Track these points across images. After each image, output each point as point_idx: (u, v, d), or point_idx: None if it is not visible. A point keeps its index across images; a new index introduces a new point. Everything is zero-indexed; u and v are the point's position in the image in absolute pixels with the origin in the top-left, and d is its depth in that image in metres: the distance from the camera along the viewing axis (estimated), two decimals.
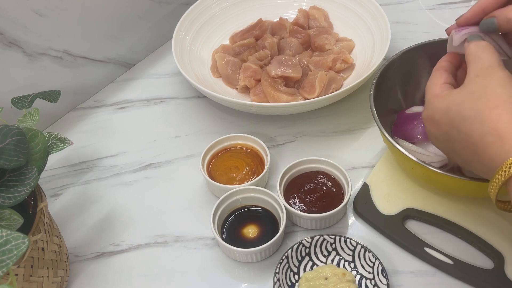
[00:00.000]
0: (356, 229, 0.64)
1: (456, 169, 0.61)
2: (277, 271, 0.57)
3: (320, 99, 0.71)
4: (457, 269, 0.57)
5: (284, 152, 0.74)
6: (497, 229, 0.59)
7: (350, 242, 0.59)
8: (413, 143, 0.64)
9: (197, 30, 0.87)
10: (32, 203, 0.56)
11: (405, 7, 0.96)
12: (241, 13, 0.91)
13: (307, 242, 0.59)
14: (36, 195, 0.55)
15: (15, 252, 0.41)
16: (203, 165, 0.68)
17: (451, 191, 0.61)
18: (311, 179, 0.66)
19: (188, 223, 0.66)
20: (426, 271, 0.59)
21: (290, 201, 0.64)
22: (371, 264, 0.57)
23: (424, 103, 0.54)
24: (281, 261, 0.58)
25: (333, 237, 0.59)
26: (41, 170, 0.53)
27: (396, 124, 0.68)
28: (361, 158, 0.71)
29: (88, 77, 0.83)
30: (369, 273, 0.58)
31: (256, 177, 0.66)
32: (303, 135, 0.76)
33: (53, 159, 0.75)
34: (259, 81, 0.78)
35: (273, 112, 0.76)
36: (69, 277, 0.62)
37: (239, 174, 0.68)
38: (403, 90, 0.70)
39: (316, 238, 0.59)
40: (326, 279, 0.57)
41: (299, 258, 0.60)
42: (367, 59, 0.80)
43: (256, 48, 0.85)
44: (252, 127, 0.77)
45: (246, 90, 0.80)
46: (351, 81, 0.79)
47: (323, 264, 0.60)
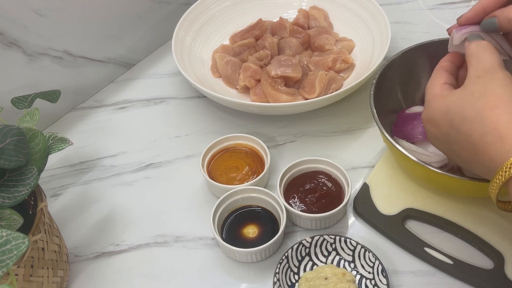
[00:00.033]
0: (356, 229, 0.64)
1: (456, 169, 0.61)
2: (277, 271, 0.57)
3: (320, 99, 0.71)
4: (457, 269, 0.57)
5: (284, 152, 0.74)
6: (497, 229, 0.59)
7: (350, 242, 0.59)
8: (413, 143, 0.64)
9: (197, 30, 0.87)
10: (32, 203, 0.55)
11: (405, 7, 0.96)
12: (241, 13, 0.91)
13: (307, 242, 0.59)
14: (36, 195, 0.55)
15: (15, 252, 0.41)
16: (203, 165, 0.68)
17: (451, 191, 0.61)
18: (311, 179, 0.66)
19: (188, 223, 0.66)
20: (426, 271, 0.59)
21: (290, 201, 0.64)
22: (371, 264, 0.57)
23: (424, 103, 0.54)
24: (281, 261, 0.58)
25: (333, 237, 0.59)
26: (41, 170, 0.53)
27: (396, 124, 0.68)
28: (361, 158, 0.71)
29: (88, 77, 0.83)
30: (369, 273, 0.58)
31: (256, 177, 0.66)
32: (303, 135, 0.76)
33: (53, 159, 0.75)
34: (259, 81, 0.78)
35: (273, 112, 0.76)
36: (69, 277, 0.62)
37: (239, 174, 0.68)
38: (403, 90, 0.70)
39: (316, 238, 0.59)
40: (326, 279, 0.57)
41: (299, 258, 0.60)
42: (367, 59, 0.80)
43: (256, 48, 0.85)
44: (252, 127, 0.77)
45: (246, 90, 0.80)
46: (351, 81, 0.79)
47: (323, 264, 0.60)
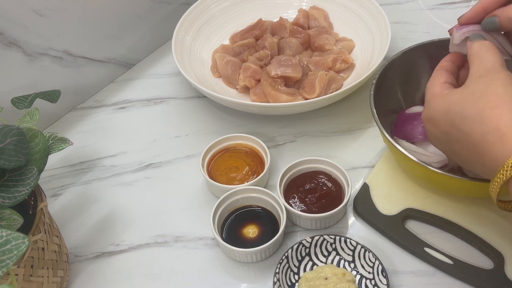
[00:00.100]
0: (356, 229, 0.64)
1: (456, 169, 0.61)
2: (277, 271, 0.57)
3: (320, 99, 0.71)
4: (457, 269, 0.57)
5: (284, 152, 0.74)
6: (497, 229, 0.59)
7: (350, 242, 0.59)
8: (413, 143, 0.64)
9: (197, 30, 0.87)
10: (32, 203, 0.55)
11: (405, 7, 0.96)
12: (241, 13, 0.91)
13: (307, 242, 0.59)
14: (36, 195, 0.55)
15: (15, 252, 0.41)
16: (203, 165, 0.68)
17: (451, 191, 0.61)
18: (311, 179, 0.66)
19: (188, 223, 0.66)
20: (426, 271, 0.59)
21: (290, 201, 0.64)
22: (371, 264, 0.57)
23: (424, 103, 0.54)
24: (281, 261, 0.58)
25: (333, 237, 0.59)
26: (41, 170, 0.53)
27: (396, 124, 0.68)
28: (361, 158, 0.71)
29: (88, 77, 0.83)
30: (369, 273, 0.58)
31: (256, 177, 0.66)
32: (303, 135, 0.76)
33: (53, 159, 0.75)
34: (259, 81, 0.78)
35: (273, 112, 0.76)
36: (69, 277, 0.62)
37: (239, 174, 0.68)
38: (403, 90, 0.70)
39: (316, 238, 0.59)
40: (326, 279, 0.57)
41: (299, 258, 0.60)
42: (367, 59, 0.80)
43: (256, 48, 0.85)
44: (252, 127, 0.77)
45: (246, 90, 0.80)
46: (351, 81, 0.79)
47: (323, 264, 0.60)
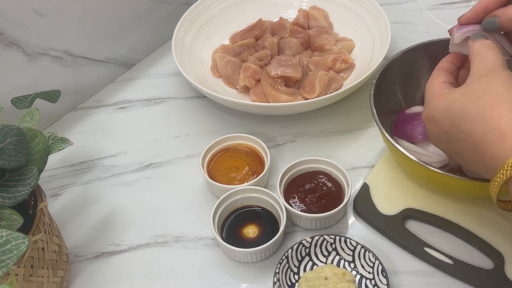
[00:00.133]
0: (356, 229, 0.64)
1: (456, 169, 0.61)
2: (277, 271, 0.57)
3: (320, 99, 0.71)
4: (457, 269, 0.57)
5: (284, 152, 0.74)
6: (497, 229, 0.59)
7: (350, 242, 0.59)
8: (413, 143, 0.64)
9: (197, 30, 0.87)
10: (32, 203, 0.55)
11: (405, 7, 0.96)
12: (241, 13, 0.91)
13: (307, 242, 0.59)
14: (36, 195, 0.55)
15: (15, 252, 0.41)
16: (203, 165, 0.68)
17: (451, 191, 0.61)
18: (311, 179, 0.66)
19: (188, 223, 0.66)
20: (426, 271, 0.59)
21: (290, 201, 0.64)
22: (371, 264, 0.57)
23: (424, 103, 0.54)
24: (281, 261, 0.58)
25: (333, 237, 0.59)
26: (41, 170, 0.53)
27: (396, 124, 0.68)
28: (361, 158, 0.71)
29: (88, 77, 0.83)
30: (369, 273, 0.58)
31: (256, 177, 0.66)
32: (303, 135, 0.76)
33: (53, 159, 0.75)
34: (259, 81, 0.78)
35: (273, 112, 0.76)
36: (69, 277, 0.62)
37: (239, 174, 0.68)
38: (403, 90, 0.70)
39: (316, 238, 0.59)
40: (326, 279, 0.57)
41: (299, 258, 0.60)
42: (367, 59, 0.80)
43: (256, 48, 0.85)
44: (252, 127, 0.77)
45: (246, 90, 0.80)
46: (351, 81, 0.79)
47: (323, 264, 0.60)
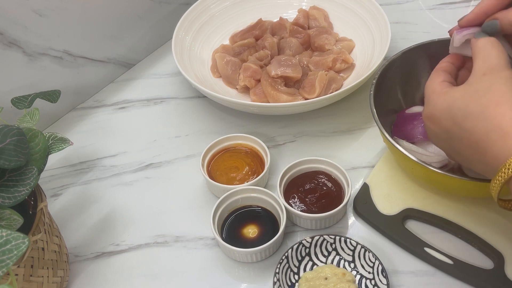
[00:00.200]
0: (356, 229, 0.64)
1: (456, 169, 0.61)
2: (277, 271, 0.57)
3: (320, 99, 0.71)
4: (457, 269, 0.57)
5: (284, 152, 0.74)
6: (497, 229, 0.59)
7: (350, 242, 0.59)
8: (413, 143, 0.64)
9: (197, 30, 0.87)
10: (32, 203, 0.55)
11: (405, 7, 0.96)
12: (241, 13, 0.91)
13: (307, 242, 0.59)
14: (36, 195, 0.55)
15: (15, 252, 0.41)
16: (203, 165, 0.68)
17: (451, 191, 0.61)
18: (311, 179, 0.66)
19: (188, 223, 0.66)
20: (426, 271, 0.59)
21: (290, 201, 0.64)
22: (371, 264, 0.57)
23: (424, 103, 0.54)
24: (281, 261, 0.58)
25: (333, 237, 0.59)
26: (41, 170, 0.53)
27: (396, 124, 0.68)
28: (361, 158, 0.71)
29: (88, 77, 0.83)
30: (369, 273, 0.58)
31: (256, 177, 0.66)
32: (303, 135, 0.76)
33: (53, 159, 0.75)
34: (259, 81, 0.78)
35: (273, 112, 0.76)
36: (69, 277, 0.62)
37: (239, 174, 0.68)
38: (403, 90, 0.70)
39: (316, 238, 0.59)
40: (326, 279, 0.57)
41: (299, 258, 0.60)
42: (367, 59, 0.80)
43: (256, 48, 0.85)
44: (252, 127, 0.77)
45: (246, 90, 0.80)
46: (351, 81, 0.79)
47: (323, 264, 0.60)
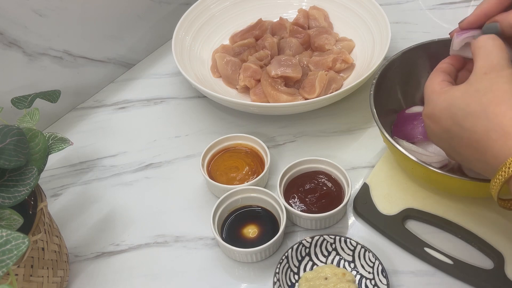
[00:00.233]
0: (356, 229, 0.64)
1: (456, 169, 0.61)
2: (277, 271, 0.57)
3: (320, 99, 0.71)
4: (457, 269, 0.57)
5: (284, 152, 0.74)
6: (497, 229, 0.59)
7: (350, 242, 0.59)
8: (413, 143, 0.64)
9: (197, 30, 0.87)
10: (32, 203, 0.55)
11: (405, 7, 0.96)
12: (241, 13, 0.91)
13: (307, 242, 0.59)
14: (36, 195, 0.55)
15: (15, 252, 0.41)
16: (203, 165, 0.68)
17: (451, 191, 0.61)
18: (311, 179, 0.66)
19: (188, 223, 0.66)
20: (426, 271, 0.59)
21: (290, 201, 0.64)
22: (371, 264, 0.57)
23: (424, 103, 0.54)
24: (281, 261, 0.58)
25: (333, 237, 0.59)
26: (41, 170, 0.53)
27: (396, 124, 0.68)
28: (361, 158, 0.71)
29: (88, 77, 0.83)
30: (369, 273, 0.58)
31: (256, 177, 0.66)
32: (303, 135, 0.76)
33: (53, 159, 0.75)
34: (259, 81, 0.78)
35: (273, 112, 0.76)
36: (69, 277, 0.62)
37: (239, 174, 0.68)
38: (403, 90, 0.70)
39: (316, 238, 0.59)
40: (326, 279, 0.57)
41: (299, 258, 0.60)
42: (367, 59, 0.80)
43: (256, 48, 0.85)
44: (252, 127, 0.77)
45: (246, 90, 0.80)
46: (351, 81, 0.79)
47: (323, 264, 0.60)
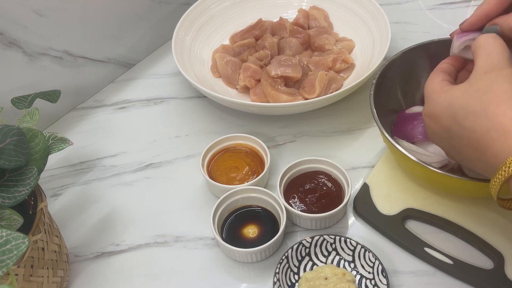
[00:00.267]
0: (356, 229, 0.64)
1: (456, 169, 0.61)
2: (277, 271, 0.57)
3: (320, 99, 0.71)
4: (457, 269, 0.57)
5: (284, 152, 0.74)
6: (497, 229, 0.59)
7: (350, 242, 0.59)
8: (413, 143, 0.64)
9: (197, 30, 0.87)
10: (32, 203, 0.55)
11: (405, 7, 0.96)
12: (241, 13, 0.91)
13: (307, 242, 0.59)
14: (36, 195, 0.55)
15: (15, 252, 0.41)
16: (203, 165, 0.68)
17: (451, 191, 0.61)
18: (311, 179, 0.66)
19: (188, 223, 0.66)
20: (426, 271, 0.59)
21: (290, 201, 0.64)
22: (371, 264, 0.57)
23: (424, 103, 0.54)
24: (281, 261, 0.58)
25: (333, 237, 0.59)
26: (41, 170, 0.53)
27: (396, 124, 0.68)
28: (361, 158, 0.71)
29: (88, 77, 0.83)
30: (369, 273, 0.58)
31: (256, 177, 0.66)
32: (303, 135, 0.76)
33: (53, 159, 0.75)
34: (259, 81, 0.78)
35: (273, 112, 0.76)
36: (69, 277, 0.62)
37: (239, 174, 0.68)
38: (403, 90, 0.70)
39: (316, 238, 0.59)
40: (326, 279, 0.57)
41: (299, 258, 0.60)
42: (367, 59, 0.80)
43: (256, 48, 0.85)
44: (252, 127, 0.77)
45: (246, 90, 0.80)
46: (351, 81, 0.79)
47: (323, 264, 0.60)
